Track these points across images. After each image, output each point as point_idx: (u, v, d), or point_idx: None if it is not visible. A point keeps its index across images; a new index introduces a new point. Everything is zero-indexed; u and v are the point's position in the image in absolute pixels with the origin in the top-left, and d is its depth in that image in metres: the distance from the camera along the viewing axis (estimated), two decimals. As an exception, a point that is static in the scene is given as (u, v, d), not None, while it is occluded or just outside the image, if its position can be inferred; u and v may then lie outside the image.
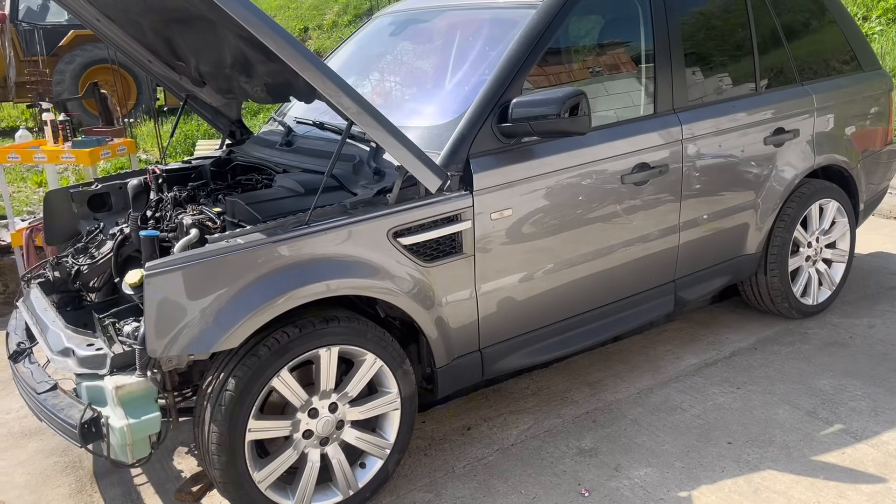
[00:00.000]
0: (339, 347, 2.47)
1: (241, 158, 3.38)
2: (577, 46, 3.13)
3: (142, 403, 2.31)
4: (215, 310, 2.25)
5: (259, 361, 2.32)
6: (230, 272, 2.27)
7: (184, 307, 2.22)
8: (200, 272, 2.23)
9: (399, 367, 2.61)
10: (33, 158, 4.24)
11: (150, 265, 2.19)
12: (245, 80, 2.88)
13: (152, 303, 2.19)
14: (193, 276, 2.22)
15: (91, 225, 3.38)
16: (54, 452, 3.12)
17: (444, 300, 2.69)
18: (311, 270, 2.38)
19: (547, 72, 3.01)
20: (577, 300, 3.07)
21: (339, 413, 2.53)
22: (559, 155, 2.89)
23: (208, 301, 2.24)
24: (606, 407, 3.18)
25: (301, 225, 2.42)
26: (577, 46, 3.13)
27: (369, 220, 2.50)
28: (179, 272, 2.21)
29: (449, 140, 2.71)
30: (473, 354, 2.83)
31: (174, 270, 2.20)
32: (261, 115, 9.71)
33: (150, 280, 2.18)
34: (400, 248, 2.55)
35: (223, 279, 2.26)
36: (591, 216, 3.00)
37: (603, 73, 3.17)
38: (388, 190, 2.59)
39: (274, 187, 2.82)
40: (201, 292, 2.23)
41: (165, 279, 2.19)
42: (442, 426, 3.12)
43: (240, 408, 2.30)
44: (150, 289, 2.18)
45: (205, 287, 2.24)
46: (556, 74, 3.06)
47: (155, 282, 2.19)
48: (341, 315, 2.49)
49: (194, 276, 2.22)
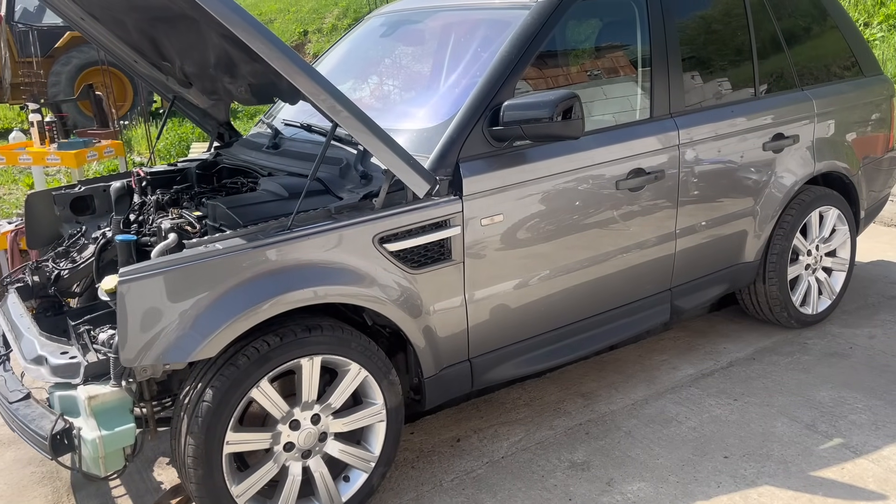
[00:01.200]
0: (322, 357, 2.38)
1: (227, 161, 3.30)
2: (571, 49, 3.05)
3: (115, 414, 2.23)
4: (192, 317, 2.16)
5: (238, 371, 2.24)
6: (208, 278, 2.18)
7: (159, 314, 2.14)
8: (177, 278, 2.15)
9: (385, 378, 2.52)
10: (18, 160, 4.16)
11: (123, 271, 2.11)
12: (229, 81, 2.81)
13: (126, 310, 2.11)
14: (169, 282, 2.14)
15: (73, 228, 3.30)
16: (32, 462, 3.03)
17: (432, 308, 2.60)
18: (293, 277, 2.30)
19: (540, 75, 2.93)
20: (571, 309, 2.99)
21: (321, 425, 2.45)
22: (552, 159, 2.82)
23: (185, 308, 2.16)
24: (600, 418, 3.09)
25: (283, 230, 2.34)
26: (572, 49, 3.06)
27: (354, 225, 2.42)
28: (155, 278, 2.12)
29: (438, 143, 2.64)
30: (462, 364, 2.74)
31: (149, 276, 2.12)
32: (257, 118, 9.63)
33: (124, 286, 2.10)
34: (386, 254, 2.47)
35: (201, 285, 2.18)
36: (585, 222, 2.92)
37: (598, 77, 3.09)
38: (375, 194, 2.51)
39: (257, 191, 2.74)
40: (178, 299, 2.15)
41: (140, 285, 2.11)
42: (431, 438, 3.03)
43: (217, 419, 2.22)
44: (123, 295, 2.10)
45: (181, 293, 2.15)
46: (550, 77, 2.98)
47: (129, 288, 2.10)
48: (325, 323, 2.40)
49: (170, 283, 2.14)
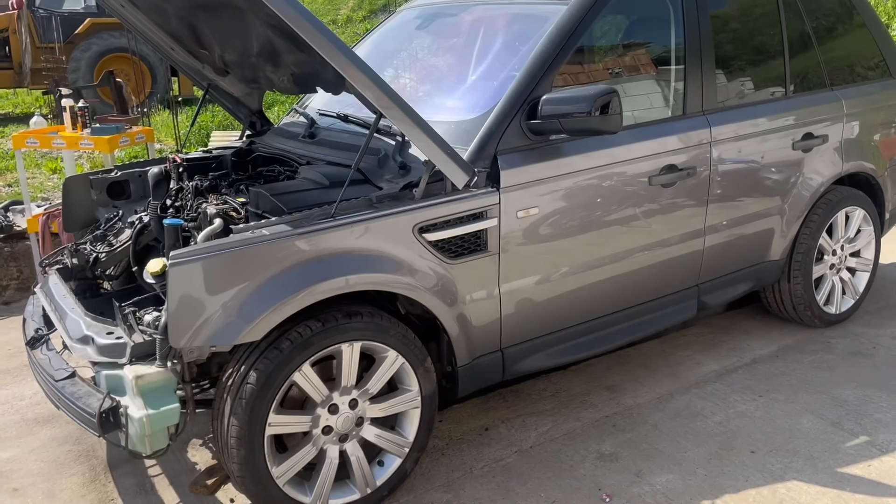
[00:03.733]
0: (362, 343, 2.43)
1: (262, 149, 3.34)
2: (607, 44, 3.08)
3: (161, 394, 2.28)
4: (239, 301, 2.21)
5: (281, 355, 2.28)
6: (255, 263, 2.23)
7: (207, 298, 2.19)
8: (225, 263, 2.20)
9: (420, 365, 2.57)
10: (52, 144, 4.21)
11: (174, 254, 2.16)
12: (271, 70, 2.85)
13: (175, 293, 2.16)
14: (218, 266, 2.19)
15: (110, 212, 3.35)
16: (67, 440, 3.10)
17: (468, 298, 2.64)
18: (336, 264, 2.34)
19: (576, 70, 2.96)
20: (601, 302, 3.02)
21: (358, 410, 2.50)
22: (587, 154, 2.85)
23: (232, 292, 2.21)
24: (626, 411, 3.13)
25: (326, 217, 2.38)
26: (607, 44, 3.08)
27: (395, 214, 2.46)
28: (204, 262, 2.17)
29: (477, 136, 2.67)
30: (495, 354, 2.79)
31: (198, 260, 2.17)
32: (276, 108, 9.68)
33: (174, 270, 2.15)
34: (425, 243, 2.51)
35: (247, 270, 2.22)
36: (618, 217, 2.95)
37: (632, 72, 3.12)
38: (415, 185, 2.55)
39: (298, 179, 2.78)
40: (225, 283, 2.20)
41: (189, 269, 2.16)
42: (459, 426, 3.08)
43: (260, 401, 2.27)
44: (173, 279, 2.15)
45: (229, 278, 2.20)
46: (585, 73, 3.01)
47: (179, 271, 2.15)
48: (364, 310, 2.45)
49: (218, 267, 2.19)
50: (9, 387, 3.59)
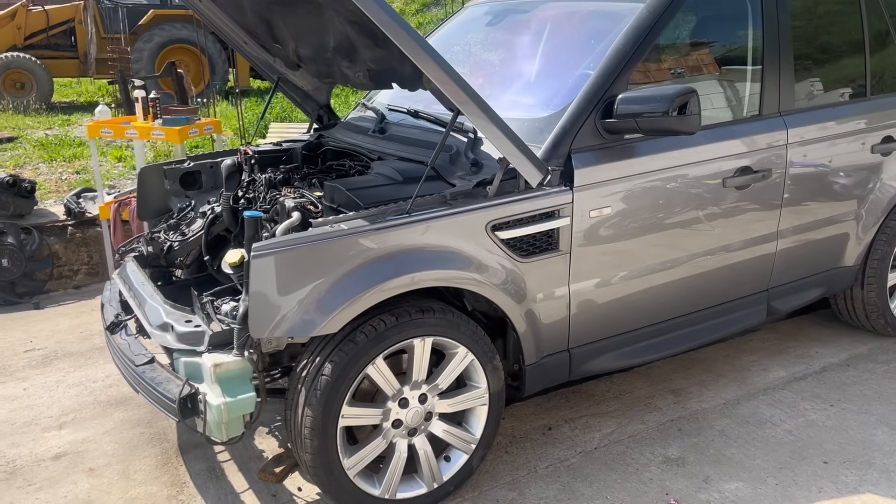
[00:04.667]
0: (433, 338, 2.45)
1: (332, 143, 3.38)
2: (683, 43, 3.03)
3: (238, 383, 2.33)
4: (317, 294, 2.24)
5: (356, 348, 2.31)
6: (333, 257, 2.26)
7: (287, 290, 2.22)
8: (305, 256, 2.23)
9: (490, 362, 2.58)
10: (125, 134, 4.33)
11: (256, 247, 2.20)
12: (347, 65, 2.88)
13: (256, 284, 2.20)
14: (298, 259, 2.22)
15: (182, 202, 3.44)
16: (140, 423, 3.19)
17: (537, 297, 2.64)
18: (411, 259, 2.36)
19: (651, 68, 2.92)
20: (670, 304, 2.98)
21: (427, 404, 2.51)
22: (661, 154, 2.81)
23: (311, 285, 2.24)
24: (692, 416, 3.09)
25: (402, 213, 2.40)
26: (684, 43, 3.03)
27: (470, 211, 2.46)
28: (285, 255, 2.21)
29: (551, 134, 2.66)
30: (562, 354, 2.78)
31: (280, 253, 2.21)
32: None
33: (256, 262, 2.19)
34: (498, 241, 2.51)
35: (326, 264, 2.26)
36: (689, 219, 2.91)
37: (707, 71, 3.06)
38: (488, 182, 2.55)
39: (371, 174, 2.80)
40: (305, 276, 2.24)
41: (271, 261, 2.20)
42: (522, 424, 3.07)
43: (335, 393, 2.30)
44: (255, 270, 2.19)
45: (308, 271, 2.24)
46: (660, 72, 2.96)
47: (260, 263, 2.19)
48: (436, 306, 2.46)
49: (299, 260, 2.23)
50: (82, 369, 3.72)
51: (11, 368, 3.74)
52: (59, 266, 4.85)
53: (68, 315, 4.44)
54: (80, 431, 3.14)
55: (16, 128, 9.26)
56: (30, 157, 7.58)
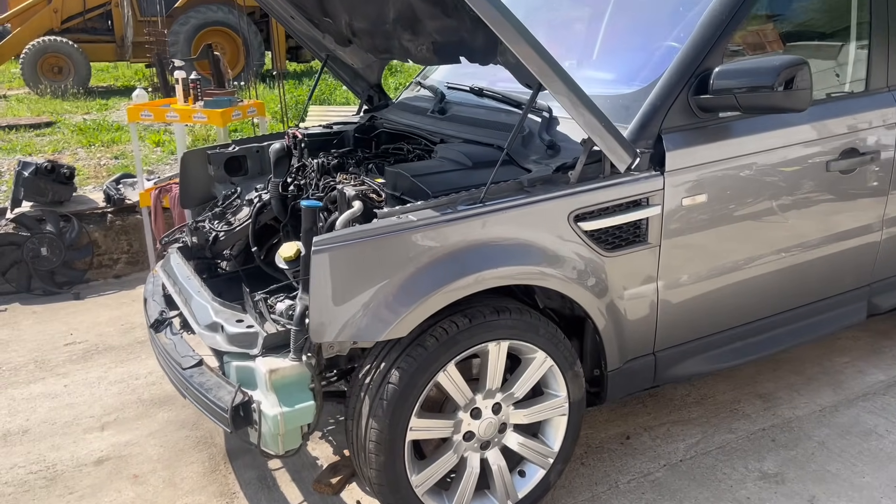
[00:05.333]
0: (510, 342, 2.19)
1: (387, 125, 3.13)
2: (782, 12, 2.70)
3: (295, 390, 2.11)
4: (385, 293, 2.00)
5: (426, 353, 2.07)
6: (402, 252, 2.01)
7: (350, 289, 1.98)
8: (371, 251, 1.99)
9: (570, 368, 2.32)
10: (165, 117, 4.13)
11: (317, 241, 1.96)
12: (409, 38, 2.61)
13: (318, 282, 1.96)
14: (364, 254, 1.98)
15: (227, 189, 3.22)
16: (185, 425, 3.00)
17: (623, 295, 2.36)
18: (487, 254, 2.10)
19: (746, 40, 2.61)
20: (763, 302, 2.69)
21: (502, 415, 2.27)
22: (760, 135, 2.51)
23: (378, 283, 2.00)
24: (785, 424, 2.80)
25: (475, 203, 2.14)
26: (783, 12, 2.70)
27: (550, 199, 2.19)
28: (349, 249, 1.97)
29: (638, 112, 2.37)
30: (647, 358, 2.50)
31: (344, 247, 1.96)
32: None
33: (318, 258, 1.95)
34: (581, 233, 2.24)
35: (395, 260, 2.01)
36: (789, 206, 2.60)
37: (810, 43, 2.74)
38: (569, 167, 2.28)
39: (435, 159, 2.55)
40: (371, 273, 1.99)
41: (333, 257, 1.96)
42: (597, 432, 2.81)
43: (403, 403, 2.06)
44: (316, 267, 1.95)
45: (375, 267, 1.99)
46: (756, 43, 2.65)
47: (321, 259, 1.95)
48: (511, 306, 2.20)
49: (365, 255, 1.98)
50: (124, 364, 3.54)
51: (51, 363, 3.58)
52: (98, 255, 4.69)
53: (109, 306, 4.28)
54: (122, 433, 2.96)
55: (54, 112, 9.18)
56: (68, 142, 7.47)
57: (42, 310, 4.25)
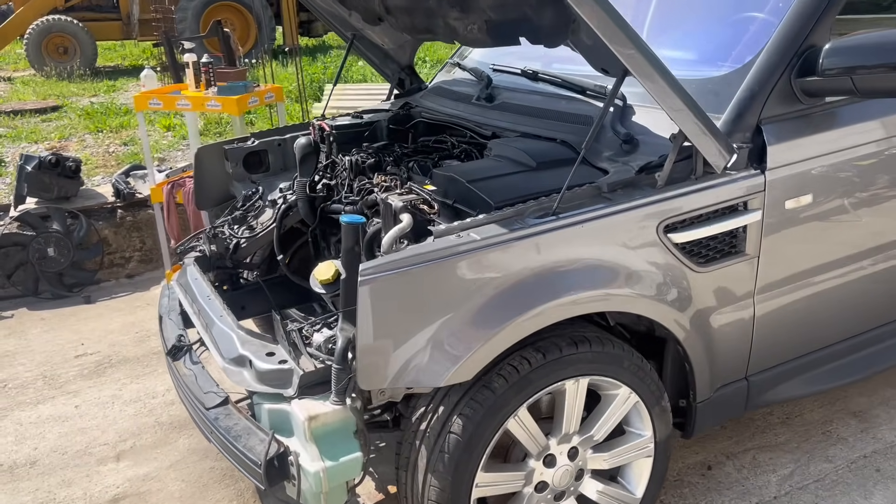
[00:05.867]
0: (590, 378, 1.86)
1: (426, 115, 2.77)
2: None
3: (339, 439, 1.79)
4: (447, 329, 1.67)
5: (494, 397, 1.74)
6: (467, 278, 1.67)
7: (406, 325, 1.65)
8: (429, 278, 1.65)
9: (657, 404, 1.98)
10: (176, 105, 3.79)
11: (365, 269, 1.62)
12: (456, 16, 2.24)
13: (366, 319, 1.63)
14: (420, 283, 1.64)
15: (247, 188, 2.88)
16: (209, 454, 2.70)
17: (716, 316, 2.02)
18: (568, 277, 1.76)
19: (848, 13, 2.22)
20: (870, 314, 2.34)
21: (578, 460, 1.94)
22: (872, 122, 2.14)
23: (438, 317, 1.66)
24: (888, 450, 2.46)
25: (548, 214, 1.79)
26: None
27: (637, 208, 1.84)
28: (403, 278, 1.63)
29: (733, 99, 2.00)
30: (739, 383, 2.16)
31: (396, 276, 1.63)
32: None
33: (366, 289, 1.61)
34: (671, 246, 1.89)
35: (457, 288, 1.67)
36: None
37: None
38: (654, 167, 1.92)
39: (489, 158, 2.19)
40: (430, 305, 1.66)
41: (385, 288, 1.62)
42: (673, 461, 2.48)
43: (468, 456, 1.74)
44: (364, 300, 1.62)
45: (434, 298, 1.66)
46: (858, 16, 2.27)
47: (371, 291, 1.62)
48: (590, 334, 1.87)
49: (422, 284, 1.64)
50: (140, 380, 3.24)
51: (61, 379, 3.29)
52: (109, 253, 4.38)
53: (121, 310, 3.98)
54: (140, 464, 2.67)
55: (60, 95, 8.85)
56: (75, 128, 7.14)
57: (51, 316, 3.96)
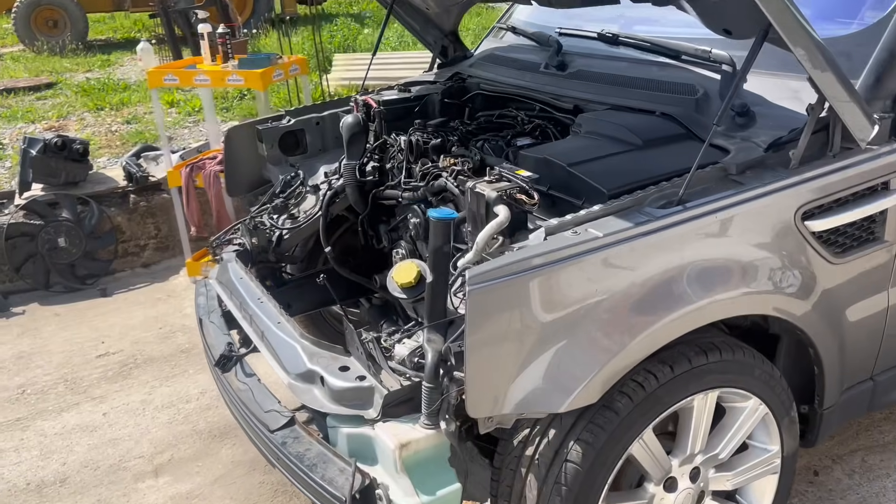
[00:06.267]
0: (720, 391, 1.61)
1: (484, 86, 2.49)
2: None
3: (434, 469, 1.55)
4: (570, 342, 1.41)
5: (617, 419, 1.49)
6: (591, 283, 1.41)
7: (523, 339, 1.39)
8: (549, 283, 1.39)
9: (786, 414, 1.74)
10: (194, 81, 3.48)
11: (474, 275, 1.35)
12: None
13: (477, 335, 1.37)
14: (539, 288, 1.38)
15: (285, 172, 2.60)
16: (256, 466, 2.46)
17: (849, 311, 1.77)
18: (701, 277, 1.50)
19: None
20: None
21: (700, 481, 1.71)
22: None
23: (561, 329, 1.40)
24: None
25: (673, 203, 1.52)
26: None
27: (773, 193, 1.58)
28: (520, 284, 1.37)
29: (870, 62, 1.73)
30: (865, 384, 1.93)
31: (511, 282, 1.36)
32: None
33: (477, 298, 1.35)
34: (808, 236, 1.64)
35: (580, 294, 1.41)
36: None
37: None
38: (781, 143, 1.66)
39: (580, 136, 1.92)
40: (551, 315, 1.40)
41: (500, 296, 1.36)
42: (775, 466, 2.26)
43: (589, 488, 1.50)
44: (475, 312, 1.36)
45: (555, 306, 1.40)
46: None
47: (484, 301, 1.35)
48: (718, 341, 1.62)
49: (540, 289, 1.38)
50: (169, 382, 2.99)
51: (84, 383, 3.04)
52: (122, 242, 4.10)
53: (141, 303, 3.72)
54: (181, 480, 2.43)
55: (53, 72, 8.46)
56: (73, 106, 6.79)
57: (65, 311, 3.69)
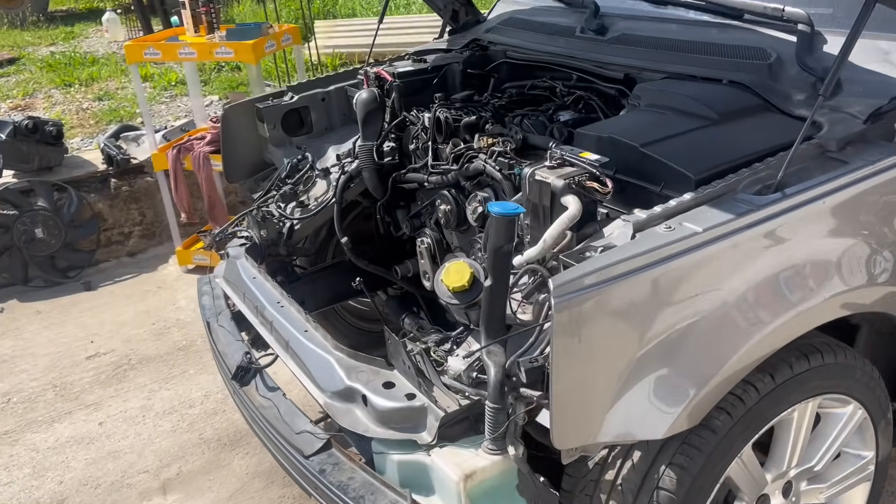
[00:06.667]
0: (821, 398, 1.43)
1: (511, 53, 2.25)
2: None
3: (501, 499, 1.35)
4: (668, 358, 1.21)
5: (716, 438, 1.30)
6: (690, 287, 1.21)
7: (617, 358, 1.19)
8: (643, 289, 1.18)
9: (883, 417, 1.57)
10: (178, 55, 3.18)
11: (560, 283, 1.14)
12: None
13: (566, 357, 1.16)
14: (633, 296, 1.17)
15: (291, 154, 2.36)
16: (273, 478, 2.26)
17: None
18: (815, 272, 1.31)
19: None
20: None
21: (792, 496, 1.53)
22: None
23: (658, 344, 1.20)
24: None
25: (770, 189, 1.32)
26: None
27: (882, 171, 1.38)
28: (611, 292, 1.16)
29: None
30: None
31: (604, 291, 1.15)
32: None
33: (568, 313, 1.13)
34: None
35: (679, 301, 1.20)
36: None
37: None
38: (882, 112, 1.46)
39: (640, 109, 1.70)
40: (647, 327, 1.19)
41: (591, 307, 1.15)
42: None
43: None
44: (565, 329, 1.14)
45: (651, 317, 1.19)
46: None
47: (576, 315, 1.14)
48: (818, 342, 1.43)
49: (634, 298, 1.18)
50: (170, 385, 2.76)
51: (76, 388, 2.80)
52: (105, 230, 3.82)
53: (129, 297, 3.46)
54: (193, 497, 2.22)
55: (14, 46, 8.00)
56: (39, 82, 6.41)
57: (48, 308, 3.42)
